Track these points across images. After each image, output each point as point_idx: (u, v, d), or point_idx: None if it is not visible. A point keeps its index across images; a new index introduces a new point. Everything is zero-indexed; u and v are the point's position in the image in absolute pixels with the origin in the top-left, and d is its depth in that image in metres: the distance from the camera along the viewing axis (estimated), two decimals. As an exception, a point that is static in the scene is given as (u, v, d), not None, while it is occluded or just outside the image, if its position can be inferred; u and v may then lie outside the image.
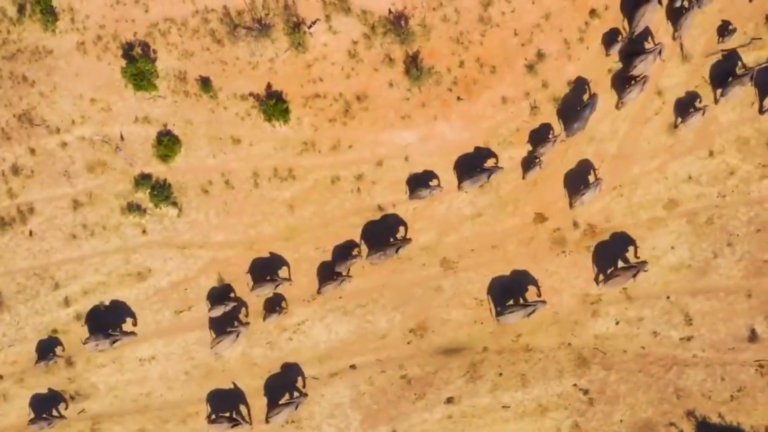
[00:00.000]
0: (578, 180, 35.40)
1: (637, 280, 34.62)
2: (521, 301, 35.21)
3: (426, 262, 35.52)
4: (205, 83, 35.29)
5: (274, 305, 35.49)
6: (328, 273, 35.39)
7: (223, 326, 35.28)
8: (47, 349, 35.59)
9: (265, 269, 35.46)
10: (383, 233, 35.42)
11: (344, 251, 35.42)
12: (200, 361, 35.63)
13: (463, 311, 35.55)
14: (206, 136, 35.48)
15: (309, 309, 35.50)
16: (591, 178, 35.33)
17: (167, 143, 35.11)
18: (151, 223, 35.53)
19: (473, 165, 35.21)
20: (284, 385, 35.73)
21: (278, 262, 35.64)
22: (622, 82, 35.26)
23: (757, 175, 35.52)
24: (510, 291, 35.47)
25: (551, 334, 35.43)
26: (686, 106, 35.28)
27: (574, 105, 35.17)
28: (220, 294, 35.58)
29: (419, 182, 35.28)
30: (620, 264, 35.34)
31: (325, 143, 35.30)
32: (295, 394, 35.33)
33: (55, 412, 35.52)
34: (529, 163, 35.22)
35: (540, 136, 35.16)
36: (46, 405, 35.77)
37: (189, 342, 35.59)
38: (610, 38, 35.12)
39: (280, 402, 35.18)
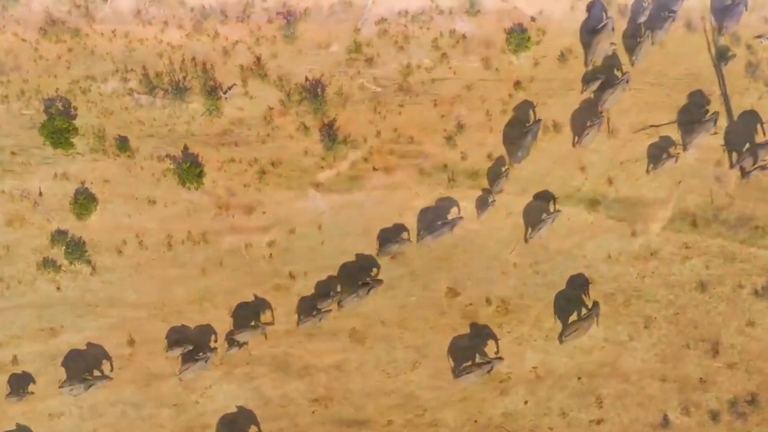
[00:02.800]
0: (535, 216, 34.73)
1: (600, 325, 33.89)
2: (478, 359, 34.32)
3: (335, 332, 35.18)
4: (123, 143, 35.25)
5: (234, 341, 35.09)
6: (307, 308, 34.94)
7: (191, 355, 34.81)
8: (20, 384, 35.49)
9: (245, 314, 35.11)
10: (356, 275, 34.93)
11: (325, 288, 34.97)
12: (108, 420, 35.43)
13: (370, 383, 35.18)
14: (122, 195, 35.44)
15: (217, 373, 35.15)
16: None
17: (82, 201, 35.06)
18: (66, 280, 35.46)
19: (434, 218, 34.77)
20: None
21: (260, 305, 35.17)
22: (581, 122, 34.70)
23: (679, 256, 34.66)
24: (466, 351, 34.72)
25: (458, 411, 34.63)
26: (659, 152, 34.60)
27: (517, 134, 34.59)
28: (178, 335, 35.13)
29: (388, 238, 34.83)
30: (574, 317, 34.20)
31: (239, 208, 35.16)
32: None
33: None
34: (483, 203, 34.78)
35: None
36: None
37: (98, 400, 35.59)
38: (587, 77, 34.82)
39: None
